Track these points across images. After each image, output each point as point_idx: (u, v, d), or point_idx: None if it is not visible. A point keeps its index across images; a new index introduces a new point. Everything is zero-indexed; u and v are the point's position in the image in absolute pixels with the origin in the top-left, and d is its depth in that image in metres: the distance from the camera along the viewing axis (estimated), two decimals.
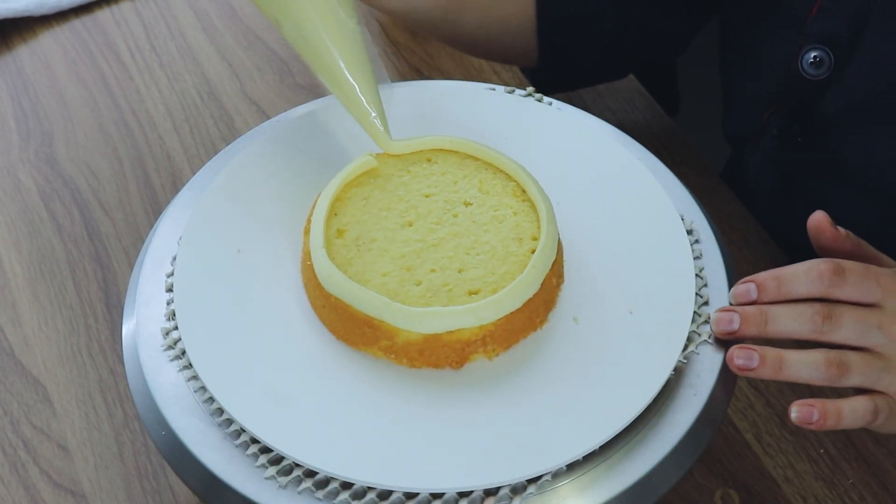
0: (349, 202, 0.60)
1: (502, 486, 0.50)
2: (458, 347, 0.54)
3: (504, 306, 0.54)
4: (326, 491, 0.50)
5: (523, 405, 0.53)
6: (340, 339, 0.56)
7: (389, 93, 0.63)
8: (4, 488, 0.66)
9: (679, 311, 0.56)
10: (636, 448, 0.52)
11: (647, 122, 0.88)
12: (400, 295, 0.55)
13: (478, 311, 0.54)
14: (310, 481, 0.51)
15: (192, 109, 0.89)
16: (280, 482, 0.51)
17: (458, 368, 0.55)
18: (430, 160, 0.62)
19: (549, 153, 0.65)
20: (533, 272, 0.55)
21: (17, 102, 0.90)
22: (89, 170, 0.84)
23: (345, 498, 0.50)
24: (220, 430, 0.53)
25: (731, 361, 0.53)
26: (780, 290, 0.53)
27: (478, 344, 0.54)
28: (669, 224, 0.61)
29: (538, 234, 0.57)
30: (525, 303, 0.55)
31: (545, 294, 0.56)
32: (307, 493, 0.50)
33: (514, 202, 0.60)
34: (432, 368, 0.55)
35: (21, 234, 0.80)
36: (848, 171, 0.72)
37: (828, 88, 0.69)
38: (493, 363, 0.55)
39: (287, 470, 0.51)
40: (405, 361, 0.55)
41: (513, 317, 0.55)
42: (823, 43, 0.68)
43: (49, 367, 0.72)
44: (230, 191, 0.63)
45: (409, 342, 0.54)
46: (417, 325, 0.53)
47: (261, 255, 0.60)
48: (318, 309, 0.57)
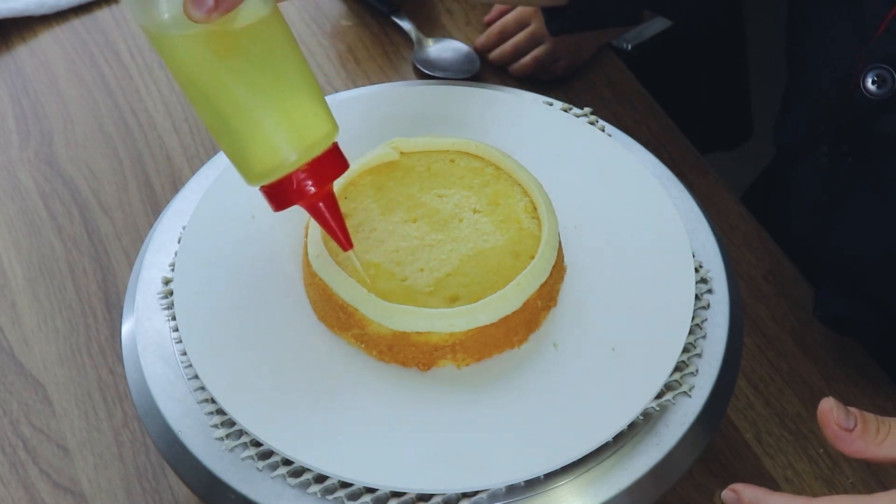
0: (362, 188, 0.60)
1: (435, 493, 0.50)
2: (426, 350, 0.54)
3: (476, 318, 0.54)
4: (323, 488, 0.51)
5: (477, 419, 0.53)
6: (320, 319, 0.57)
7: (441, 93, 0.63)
8: (4, 488, 0.66)
9: (662, 358, 0.55)
10: (636, 448, 0.52)
11: (646, 122, 0.88)
12: (382, 287, 0.55)
13: (449, 318, 0.53)
14: (318, 485, 0.51)
15: (191, 109, 0.89)
16: (289, 482, 0.51)
17: (424, 370, 0.55)
18: (454, 161, 0.62)
19: (583, 177, 0.64)
20: (514, 290, 0.55)
21: (17, 102, 0.90)
22: (89, 170, 0.84)
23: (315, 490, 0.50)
24: (220, 429, 0.53)
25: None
26: None
27: (447, 350, 0.54)
28: (681, 270, 0.59)
29: (536, 254, 0.57)
30: (502, 319, 0.54)
31: (527, 314, 0.56)
32: (306, 492, 0.50)
33: (523, 217, 0.59)
34: (400, 366, 0.55)
35: (21, 234, 0.80)
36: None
37: (886, 109, 0.67)
38: (461, 372, 0.55)
39: (274, 464, 0.51)
40: (375, 354, 0.55)
41: (486, 330, 0.54)
42: (888, 63, 0.66)
43: (49, 366, 0.72)
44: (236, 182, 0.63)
45: (380, 335, 0.54)
46: (387, 320, 0.54)
47: (267, 232, 0.60)
48: (305, 286, 0.58)
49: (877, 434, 0.49)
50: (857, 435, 0.49)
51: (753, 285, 0.76)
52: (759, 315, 0.74)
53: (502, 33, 0.92)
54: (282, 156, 0.49)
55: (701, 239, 0.62)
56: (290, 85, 0.50)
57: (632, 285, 0.59)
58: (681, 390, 0.55)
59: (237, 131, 0.49)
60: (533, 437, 0.52)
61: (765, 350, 0.72)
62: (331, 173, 0.51)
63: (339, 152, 0.51)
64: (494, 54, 0.92)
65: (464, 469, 0.51)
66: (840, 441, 0.49)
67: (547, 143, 0.66)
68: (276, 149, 0.49)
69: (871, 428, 0.49)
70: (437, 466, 0.51)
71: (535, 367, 0.55)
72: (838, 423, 0.49)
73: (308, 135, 0.50)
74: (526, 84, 0.91)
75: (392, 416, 0.53)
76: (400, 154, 0.62)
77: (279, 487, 0.51)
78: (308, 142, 0.50)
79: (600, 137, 0.67)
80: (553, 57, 0.90)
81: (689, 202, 0.64)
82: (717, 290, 0.60)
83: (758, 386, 0.70)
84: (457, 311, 0.54)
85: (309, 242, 0.57)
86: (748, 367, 0.71)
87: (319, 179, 0.50)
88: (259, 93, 0.49)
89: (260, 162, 0.50)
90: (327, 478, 0.51)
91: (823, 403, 0.49)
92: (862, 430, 0.49)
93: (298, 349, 0.55)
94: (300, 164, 0.49)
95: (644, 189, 0.64)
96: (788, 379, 0.71)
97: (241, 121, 0.49)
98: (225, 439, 0.52)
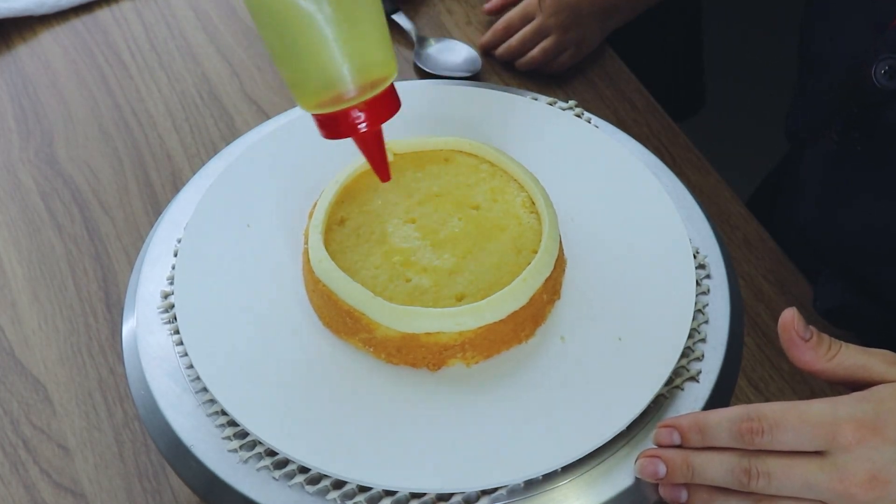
0: (359, 192, 0.60)
1: (454, 493, 0.50)
2: (435, 350, 0.54)
3: (485, 316, 0.54)
4: (342, 493, 0.51)
5: (491, 416, 0.53)
6: (326, 325, 0.56)
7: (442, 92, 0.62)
8: (4, 488, 0.66)
9: (670, 345, 0.55)
10: (636, 448, 0.52)
11: (647, 122, 0.88)
12: (387, 290, 0.55)
13: (457, 317, 0.53)
14: (337, 491, 0.51)
15: (192, 109, 0.89)
16: (307, 490, 0.51)
17: (434, 370, 0.55)
18: (448, 160, 0.62)
19: (575, 169, 0.65)
20: (521, 286, 0.55)
21: (17, 102, 0.90)
22: (89, 169, 0.84)
23: (335, 497, 0.50)
24: (221, 429, 0.53)
25: (640, 473, 0.51)
26: (703, 441, 0.50)
27: (456, 349, 0.54)
28: (680, 257, 0.60)
29: (539, 248, 0.57)
30: (509, 315, 0.54)
31: (533, 309, 0.56)
32: (304, 491, 0.50)
33: (522, 213, 0.59)
34: (409, 367, 0.55)
35: (21, 234, 0.80)
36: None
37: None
38: (470, 370, 0.55)
39: (288, 471, 0.51)
40: (383, 356, 0.55)
41: (495, 327, 0.54)
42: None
43: (49, 366, 0.72)
44: (236, 182, 0.63)
45: (388, 338, 0.54)
46: (395, 323, 0.53)
47: (264, 241, 0.60)
48: (308, 293, 0.58)
49: (827, 351, 0.51)
50: (811, 346, 0.51)
51: (753, 285, 0.76)
52: (759, 315, 0.74)
53: (507, 28, 0.92)
54: (345, 88, 0.50)
55: (696, 226, 0.62)
56: (364, 20, 0.50)
57: (632, 273, 0.59)
58: (688, 376, 0.55)
59: (304, 58, 0.50)
60: (548, 430, 0.52)
61: (765, 350, 0.72)
62: (386, 113, 0.52)
63: (394, 93, 0.52)
64: (501, 50, 0.92)
65: (482, 466, 0.51)
66: (794, 348, 0.51)
67: (537, 138, 0.66)
68: (340, 81, 0.50)
69: (824, 344, 0.51)
70: (455, 465, 0.51)
71: (544, 361, 0.55)
72: (797, 331, 0.51)
73: (372, 72, 0.50)
74: (528, 83, 0.91)
75: (405, 418, 0.53)
76: (394, 155, 0.62)
77: (297, 496, 0.50)
78: (371, 78, 0.50)
79: (588, 129, 0.67)
80: (559, 49, 0.91)
81: (682, 191, 0.64)
82: (715, 275, 0.60)
83: (758, 386, 0.70)
84: (464, 310, 0.53)
85: (310, 248, 0.57)
86: (748, 367, 0.71)
87: (374, 118, 0.51)
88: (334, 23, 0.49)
89: (322, 91, 0.50)
90: (346, 483, 0.50)
91: (786, 312, 0.51)
92: (816, 343, 0.51)
93: (306, 357, 0.55)
94: (360, 100, 0.50)
95: (635, 177, 0.64)
96: (789, 379, 0.71)
97: (310, 49, 0.49)
98: (238, 451, 0.52)
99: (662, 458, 0.50)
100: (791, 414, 0.48)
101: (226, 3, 0.98)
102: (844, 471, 0.47)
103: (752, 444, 0.48)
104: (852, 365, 0.51)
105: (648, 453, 0.50)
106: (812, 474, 0.47)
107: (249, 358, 0.55)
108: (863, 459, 0.47)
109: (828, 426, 0.47)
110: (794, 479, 0.47)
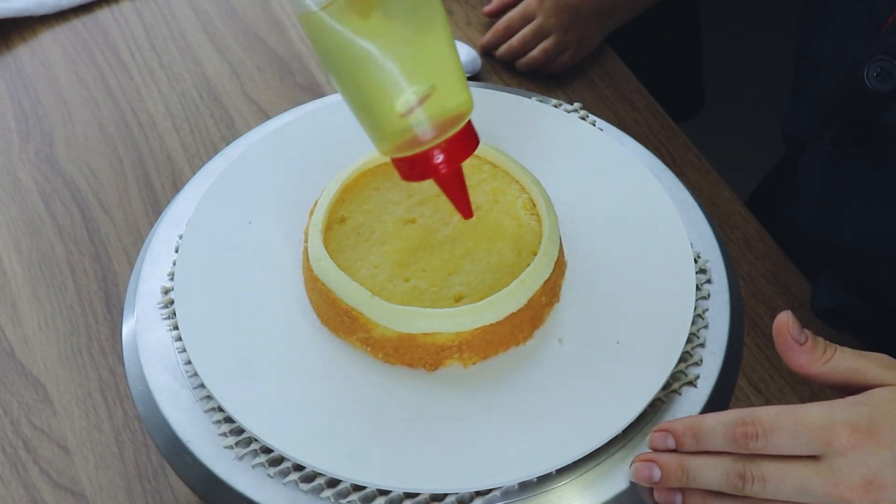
0: (359, 191, 0.60)
1: (448, 493, 0.50)
2: (432, 350, 0.54)
3: (483, 317, 0.54)
4: (336, 492, 0.51)
5: (487, 417, 0.53)
6: (324, 323, 0.56)
7: None
8: (4, 488, 0.66)
9: (668, 349, 0.55)
10: (632, 452, 0.52)
11: (647, 122, 0.88)
12: (385, 290, 0.55)
13: (455, 318, 0.53)
14: (331, 489, 0.51)
15: (192, 109, 0.89)
16: (301, 488, 0.51)
17: (431, 371, 0.55)
18: None
19: (577, 171, 0.64)
20: (519, 287, 0.54)
21: (17, 102, 0.90)
22: (89, 170, 0.84)
23: (329, 495, 0.50)
24: (217, 426, 0.53)
25: (635, 477, 0.50)
26: (698, 446, 0.49)
27: (453, 350, 0.54)
28: (680, 261, 0.59)
29: (539, 250, 0.57)
30: (507, 316, 0.54)
31: (532, 311, 0.55)
32: (299, 489, 0.50)
33: (523, 214, 0.59)
34: (407, 367, 0.55)
35: (21, 234, 0.80)
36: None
37: (891, 102, 0.67)
38: (467, 371, 0.55)
39: (283, 469, 0.51)
40: (381, 356, 0.55)
41: (492, 328, 0.54)
42: (891, 54, 0.66)
43: (49, 366, 0.72)
44: (238, 179, 0.63)
45: (385, 337, 0.54)
46: (393, 323, 0.53)
47: (266, 238, 0.60)
48: (307, 291, 0.58)
49: (822, 354, 0.51)
50: (805, 350, 0.51)
51: (753, 285, 0.76)
52: (759, 315, 0.74)
53: (508, 29, 0.92)
54: (421, 131, 0.48)
55: (697, 228, 0.62)
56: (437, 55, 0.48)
57: (632, 277, 0.59)
58: (686, 381, 0.55)
59: (375, 102, 0.48)
60: (544, 432, 0.52)
61: (765, 350, 0.72)
62: (465, 151, 0.50)
63: (472, 129, 0.51)
64: (502, 50, 0.92)
65: (477, 467, 0.51)
66: (789, 351, 0.51)
67: (538, 140, 0.66)
68: (414, 125, 0.48)
69: (819, 348, 0.51)
70: (450, 466, 0.51)
71: (541, 364, 0.55)
72: (792, 334, 0.51)
73: (447, 110, 0.48)
74: (528, 83, 0.91)
75: (401, 418, 0.53)
76: None
77: (292, 493, 0.50)
78: (448, 116, 0.48)
79: (592, 132, 0.67)
80: (559, 49, 0.91)
81: (683, 193, 0.64)
82: (716, 280, 0.60)
83: (758, 386, 0.70)
84: (462, 311, 0.53)
85: (310, 247, 0.57)
86: (748, 367, 0.71)
87: (453, 157, 0.50)
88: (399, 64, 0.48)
89: (397, 136, 0.49)
90: (340, 482, 0.51)
91: (781, 315, 0.51)
92: (810, 347, 0.51)
93: (304, 355, 0.55)
94: (437, 141, 0.49)
95: (637, 180, 0.64)
96: (789, 379, 0.71)
97: (381, 92, 0.48)
98: (234, 447, 0.52)
99: (657, 462, 0.50)
100: (786, 418, 0.48)
101: (226, 3, 0.98)
102: (839, 475, 0.47)
103: (747, 448, 0.48)
104: (847, 368, 0.50)
105: (643, 457, 0.50)
106: (807, 479, 0.47)
107: (246, 354, 0.55)
108: (858, 464, 0.47)
109: (823, 430, 0.47)
110: (788, 484, 0.47)
